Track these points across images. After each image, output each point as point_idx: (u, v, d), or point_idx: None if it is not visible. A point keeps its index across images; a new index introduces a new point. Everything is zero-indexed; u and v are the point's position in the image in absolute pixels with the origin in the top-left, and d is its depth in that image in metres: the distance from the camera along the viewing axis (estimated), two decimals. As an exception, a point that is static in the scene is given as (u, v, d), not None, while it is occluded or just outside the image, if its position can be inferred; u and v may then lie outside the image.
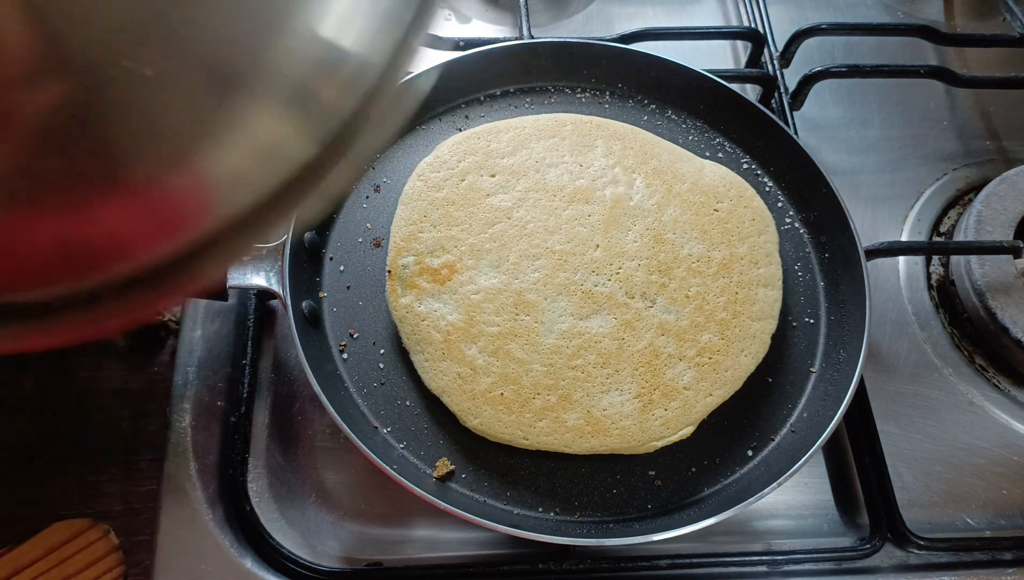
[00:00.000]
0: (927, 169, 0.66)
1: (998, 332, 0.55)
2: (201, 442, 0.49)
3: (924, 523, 0.49)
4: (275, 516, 0.49)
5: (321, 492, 0.50)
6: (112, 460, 0.50)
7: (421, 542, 0.49)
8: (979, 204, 0.59)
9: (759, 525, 0.50)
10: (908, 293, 0.59)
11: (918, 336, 0.57)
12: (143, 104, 0.19)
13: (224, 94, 0.21)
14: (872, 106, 0.69)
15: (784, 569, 0.47)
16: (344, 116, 0.23)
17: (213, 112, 0.21)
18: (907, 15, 0.75)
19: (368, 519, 0.49)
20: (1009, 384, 0.56)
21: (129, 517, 0.48)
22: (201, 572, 0.45)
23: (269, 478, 0.50)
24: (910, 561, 0.48)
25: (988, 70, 0.70)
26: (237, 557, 0.46)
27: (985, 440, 0.53)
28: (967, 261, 0.57)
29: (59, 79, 0.18)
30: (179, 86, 0.20)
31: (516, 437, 0.46)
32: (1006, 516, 0.51)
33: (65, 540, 0.47)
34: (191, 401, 0.50)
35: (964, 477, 0.52)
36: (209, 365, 0.52)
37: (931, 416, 0.54)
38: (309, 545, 0.48)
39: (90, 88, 0.19)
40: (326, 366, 0.48)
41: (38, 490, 0.49)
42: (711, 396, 0.48)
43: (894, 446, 0.52)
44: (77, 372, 0.53)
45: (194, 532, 0.46)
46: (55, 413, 0.52)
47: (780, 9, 0.72)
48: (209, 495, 0.47)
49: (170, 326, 0.55)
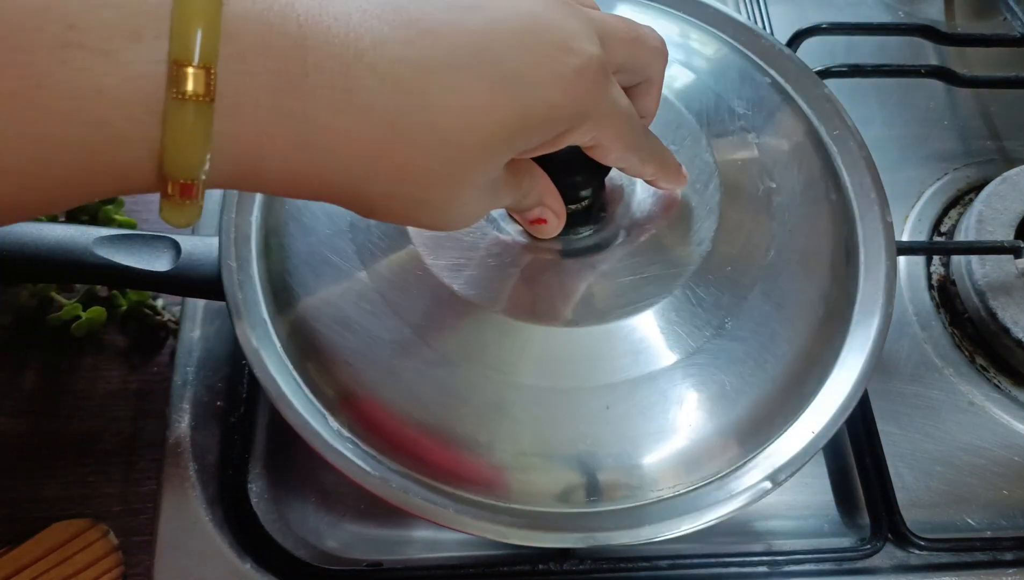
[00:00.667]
0: (927, 169, 0.66)
1: (999, 332, 0.55)
2: (201, 442, 0.49)
3: (924, 523, 0.49)
4: (275, 516, 0.49)
5: (321, 492, 0.50)
6: (112, 460, 0.50)
7: (421, 542, 0.49)
8: (980, 204, 0.59)
9: (759, 525, 0.50)
10: (909, 293, 0.59)
11: (919, 336, 0.57)
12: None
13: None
14: (872, 106, 0.69)
15: (784, 569, 0.47)
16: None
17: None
18: (908, 15, 0.75)
19: (368, 519, 0.49)
20: (1010, 384, 0.56)
21: (129, 517, 0.48)
22: (201, 572, 0.45)
23: (269, 478, 0.50)
24: (910, 561, 0.48)
25: (988, 70, 0.70)
26: (237, 557, 0.46)
27: (986, 440, 0.53)
28: (968, 261, 0.57)
29: None
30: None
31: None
32: (1007, 516, 0.51)
33: (64, 540, 0.47)
34: (190, 401, 0.50)
35: (964, 477, 0.52)
36: (209, 365, 0.52)
37: (932, 416, 0.54)
38: (309, 546, 0.48)
39: None
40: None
41: (37, 490, 0.49)
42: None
43: (894, 446, 0.52)
44: (77, 372, 0.53)
45: (194, 532, 0.46)
46: (55, 413, 0.52)
47: (780, 9, 0.72)
48: (209, 495, 0.47)
49: (169, 326, 0.55)
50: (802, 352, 0.41)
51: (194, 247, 0.42)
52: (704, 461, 0.39)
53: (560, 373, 0.38)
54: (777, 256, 0.41)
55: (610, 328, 0.38)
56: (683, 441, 0.38)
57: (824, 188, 0.45)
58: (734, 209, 0.42)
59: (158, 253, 0.42)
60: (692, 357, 0.39)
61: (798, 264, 0.42)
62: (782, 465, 0.39)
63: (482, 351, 0.38)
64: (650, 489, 0.38)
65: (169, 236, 0.43)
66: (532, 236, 0.40)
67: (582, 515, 0.37)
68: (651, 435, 0.38)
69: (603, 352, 0.38)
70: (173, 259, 0.42)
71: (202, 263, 0.42)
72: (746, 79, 0.48)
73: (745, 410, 0.39)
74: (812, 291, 0.42)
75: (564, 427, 0.38)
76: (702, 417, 0.38)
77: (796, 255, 0.42)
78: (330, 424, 0.39)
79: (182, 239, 0.43)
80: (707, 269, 0.40)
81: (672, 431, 0.38)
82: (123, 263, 0.41)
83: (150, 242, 0.42)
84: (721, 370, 0.39)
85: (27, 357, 0.53)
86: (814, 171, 0.46)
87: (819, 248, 0.43)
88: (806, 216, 0.43)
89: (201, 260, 0.42)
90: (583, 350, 0.38)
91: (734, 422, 0.39)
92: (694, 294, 0.39)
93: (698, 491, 0.38)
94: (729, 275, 0.40)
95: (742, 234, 0.41)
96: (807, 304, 0.42)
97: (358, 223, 0.41)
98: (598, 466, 0.37)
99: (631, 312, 0.39)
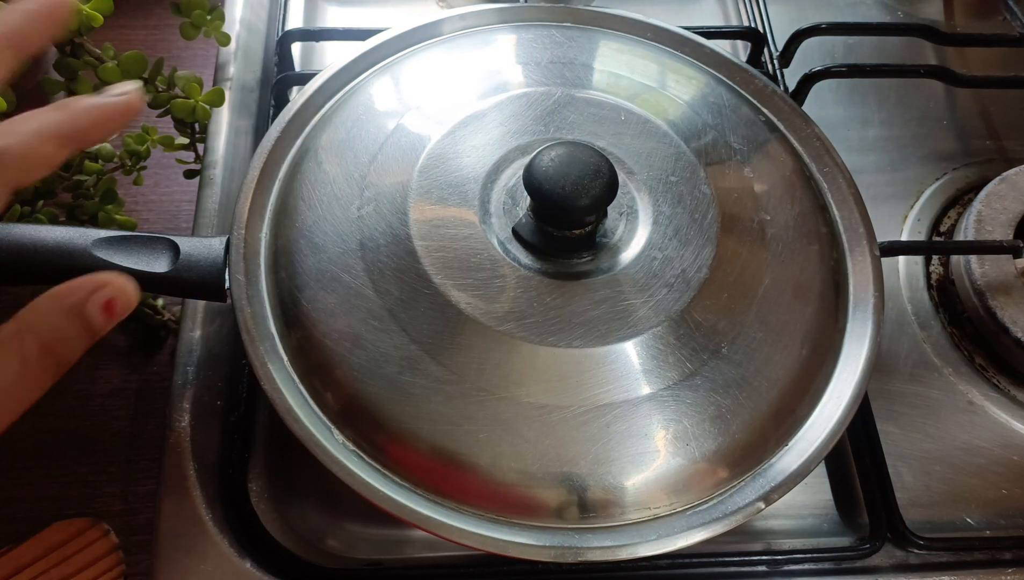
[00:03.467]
0: (927, 169, 0.66)
1: (998, 332, 0.55)
2: (201, 442, 0.49)
3: (924, 523, 0.49)
4: (275, 516, 0.49)
5: (321, 492, 0.50)
6: (112, 460, 0.50)
7: (421, 542, 0.49)
8: (979, 204, 0.59)
9: (759, 525, 0.50)
10: (908, 293, 0.59)
11: (918, 336, 0.57)
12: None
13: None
14: (872, 106, 0.69)
15: (784, 569, 0.47)
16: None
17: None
18: (907, 15, 0.75)
19: (368, 519, 0.49)
20: (1009, 384, 0.56)
21: (129, 517, 0.49)
22: (201, 572, 0.45)
23: (269, 478, 0.50)
24: (910, 561, 0.48)
25: (988, 70, 0.70)
26: (237, 557, 0.46)
27: (985, 440, 0.53)
28: (967, 261, 0.57)
29: None
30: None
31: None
32: (1006, 516, 0.51)
33: (65, 540, 0.47)
34: (190, 401, 0.50)
35: (964, 477, 0.52)
36: (209, 365, 0.52)
37: (931, 416, 0.54)
38: (309, 545, 0.48)
39: None
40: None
41: (38, 490, 0.49)
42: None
43: (894, 446, 0.52)
44: (76, 372, 0.53)
45: (194, 532, 0.46)
46: (55, 413, 0.52)
47: (780, 9, 0.72)
48: (209, 495, 0.47)
49: (169, 326, 0.55)
50: (795, 378, 0.42)
51: (193, 248, 0.42)
52: (699, 481, 0.40)
53: (563, 392, 0.39)
54: (771, 285, 0.43)
55: (611, 350, 0.39)
56: (679, 461, 0.39)
57: (815, 222, 0.47)
58: (730, 239, 0.43)
59: (157, 254, 0.42)
60: (690, 379, 0.40)
61: (791, 293, 0.43)
62: (775, 486, 0.40)
63: (487, 370, 0.39)
64: (646, 507, 0.39)
65: (168, 237, 0.43)
66: (537, 259, 0.41)
67: (579, 531, 0.38)
68: (648, 454, 0.39)
69: (604, 373, 0.39)
70: (172, 260, 0.42)
71: (201, 264, 0.42)
72: (741, 116, 0.49)
73: (740, 432, 0.40)
74: (804, 320, 0.43)
75: (566, 445, 0.38)
76: (698, 438, 0.39)
77: (789, 285, 0.43)
78: (335, 437, 0.40)
79: (181, 240, 0.43)
80: (705, 296, 0.41)
81: (669, 451, 0.39)
82: (122, 264, 0.40)
83: (149, 243, 0.42)
84: (717, 393, 0.40)
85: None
86: (805, 205, 0.47)
87: (811, 279, 0.45)
88: (798, 248, 0.45)
89: (200, 261, 0.42)
90: (585, 370, 0.39)
91: (729, 443, 0.40)
92: (692, 320, 0.41)
93: (693, 511, 0.40)
94: (725, 302, 0.41)
95: (738, 263, 0.43)
96: (800, 332, 0.43)
97: (368, 243, 0.41)
98: (597, 484, 0.38)
99: (631, 335, 0.40)
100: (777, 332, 0.42)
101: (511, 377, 0.39)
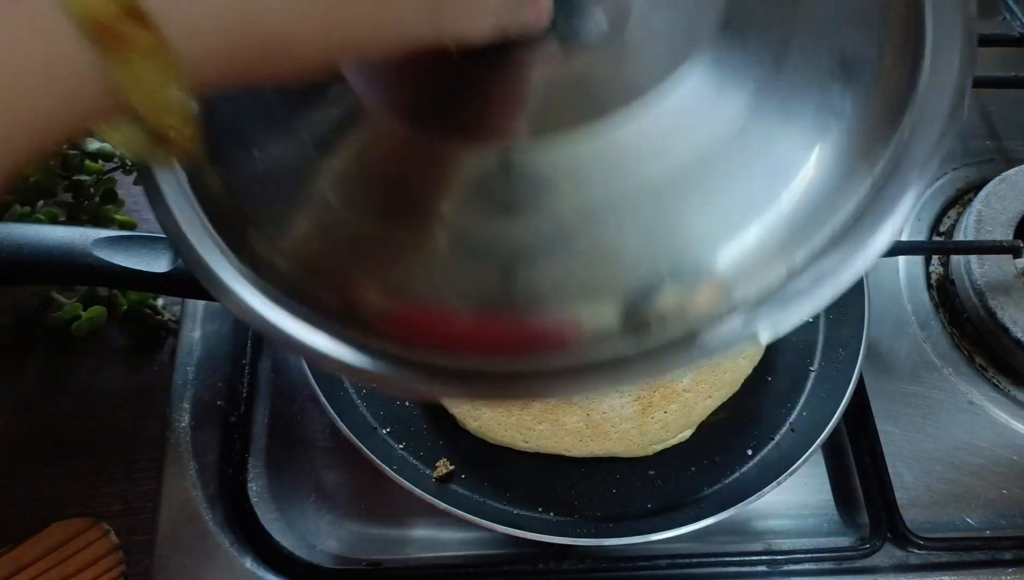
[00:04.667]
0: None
1: (998, 332, 0.55)
2: (201, 442, 0.49)
3: (924, 523, 0.49)
4: (275, 516, 0.49)
5: (321, 492, 0.50)
6: (112, 460, 0.50)
7: (421, 542, 0.49)
8: (979, 204, 0.59)
9: (759, 525, 0.50)
10: (908, 293, 0.59)
11: (918, 336, 0.57)
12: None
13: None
14: (872, 105, 0.69)
15: (784, 569, 0.47)
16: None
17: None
18: (907, 14, 0.75)
19: (368, 519, 0.49)
20: (1009, 384, 0.56)
21: (129, 517, 0.48)
22: (201, 572, 0.45)
23: (269, 478, 0.50)
24: (910, 561, 0.48)
25: (988, 70, 0.69)
26: (237, 557, 0.46)
27: (985, 440, 0.53)
28: (967, 261, 0.57)
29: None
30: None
31: (516, 440, 0.46)
32: (1006, 516, 0.51)
33: (65, 540, 0.47)
34: (191, 401, 0.50)
35: (964, 477, 0.52)
36: (209, 365, 0.52)
37: (931, 416, 0.54)
38: (309, 545, 0.48)
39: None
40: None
41: (38, 490, 0.49)
42: (710, 398, 0.48)
43: (894, 446, 0.52)
44: (77, 372, 0.53)
45: (194, 532, 0.46)
46: (55, 413, 0.52)
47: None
48: (209, 495, 0.47)
49: (169, 326, 0.55)
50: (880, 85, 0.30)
51: (193, 248, 0.42)
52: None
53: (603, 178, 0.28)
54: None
55: (648, 102, 0.28)
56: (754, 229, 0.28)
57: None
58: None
59: (156, 254, 0.42)
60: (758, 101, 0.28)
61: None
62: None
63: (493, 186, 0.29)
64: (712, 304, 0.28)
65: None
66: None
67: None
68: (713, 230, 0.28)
69: (650, 136, 0.28)
70: (171, 260, 0.42)
71: (201, 264, 0.42)
72: None
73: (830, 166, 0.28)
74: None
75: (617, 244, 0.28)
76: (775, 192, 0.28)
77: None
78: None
79: (181, 240, 0.43)
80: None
81: (738, 220, 0.28)
82: (122, 264, 0.40)
83: (148, 243, 0.42)
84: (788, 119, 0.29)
85: (27, 357, 0.53)
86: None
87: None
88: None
89: (200, 261, 0.42)
90: (625, 142, 0.28)
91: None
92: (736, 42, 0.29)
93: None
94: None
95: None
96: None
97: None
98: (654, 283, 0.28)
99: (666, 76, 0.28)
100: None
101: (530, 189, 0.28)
